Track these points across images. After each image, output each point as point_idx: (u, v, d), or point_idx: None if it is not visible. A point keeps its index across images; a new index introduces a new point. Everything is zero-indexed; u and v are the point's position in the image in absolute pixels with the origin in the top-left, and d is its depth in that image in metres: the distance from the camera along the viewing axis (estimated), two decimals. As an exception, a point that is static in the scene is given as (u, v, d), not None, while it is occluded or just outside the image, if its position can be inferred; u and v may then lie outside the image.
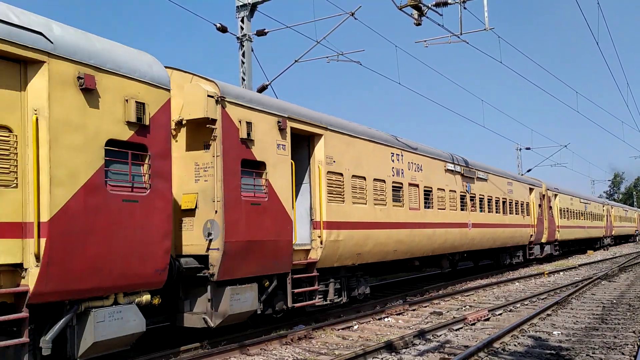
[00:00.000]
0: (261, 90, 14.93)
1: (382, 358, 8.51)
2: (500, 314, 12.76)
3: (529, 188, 26.58)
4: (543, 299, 15.12)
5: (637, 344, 9.17)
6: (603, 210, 48.62)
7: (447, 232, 16.86)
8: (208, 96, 8.70)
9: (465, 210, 18.39)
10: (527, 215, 25.62)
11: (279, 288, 10.34)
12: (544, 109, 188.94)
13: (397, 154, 14.39)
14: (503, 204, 22.40)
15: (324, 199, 11.25)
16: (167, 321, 9.64)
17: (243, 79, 15.01)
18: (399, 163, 14.43)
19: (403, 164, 14.61)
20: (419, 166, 15.53)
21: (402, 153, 14.65)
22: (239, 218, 9.07)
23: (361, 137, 12.79)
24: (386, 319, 12.23)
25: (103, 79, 6.85)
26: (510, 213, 23.14)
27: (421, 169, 15.62)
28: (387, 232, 13.47)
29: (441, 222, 16.48)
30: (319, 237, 11.16)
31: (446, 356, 8.54)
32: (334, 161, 11.69)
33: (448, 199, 17.17)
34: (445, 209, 16.86)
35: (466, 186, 18.70)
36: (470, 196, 18.95)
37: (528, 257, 26.44)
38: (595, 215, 44.22)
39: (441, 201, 16.71)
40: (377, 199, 13.21)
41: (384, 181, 13.61)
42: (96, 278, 6.77)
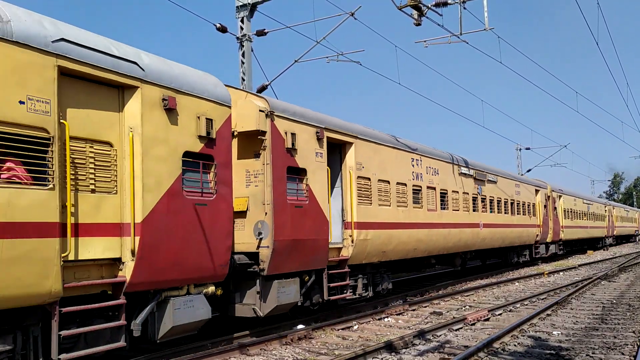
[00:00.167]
0: (261, 90, 15.03)
1: (382, 358, 8.52)
2: (500, 314, 12.77)
3: (535, 190, 27.66)
4: (543, 299, 15.14)
5: (637, 344, 9.17)
6: (605, 210, 49.68)
7: (461, 232, 17.95)
8: (259, 111, 9.81)
9: (477, 211, 19.49)
10: (533, 215, 26.71)
11: (316, 282, 11.43)
12: (544, 109, 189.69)
13: (417, 159, 15.49)
14: (511, 205, 23.50)
15: (355, 202, 12.34)
16: (218, 312, 10.73)
17: (243, 79, 14.89)
18: (418, 167, 15.53)
19: (422, 169, 15.71)
20: (436, 170, 16.63)
21: (421, 158, 15.75)
22: (285, 219, 10.17)
23: (386, 145, 13.90)
24: (386, 319, 12.26)
25: (181, 100, 7.95)
26: (517, 214, 24.24)
27: (437, 173, 16.72)
28: (408, 232, 14.57)
29: (455, 223, 17.58)
30: (350, 237, 12.27)
31: (446, 356, 8.55)
32: (363, 167, 12.78)
33: (462, 201, 18.27)
34: (459, 210, 17.96)
35: (478, 188, 19.79)
36: (481, 198, 20.04)
37: (534, 256, 27.53)
38: (597, 215, 45.29)
39: (455, 203, 17.80)
40: (400, 201, 14.31)
41: (405, 184, 14.71)
42: (175, 271, 7.87)
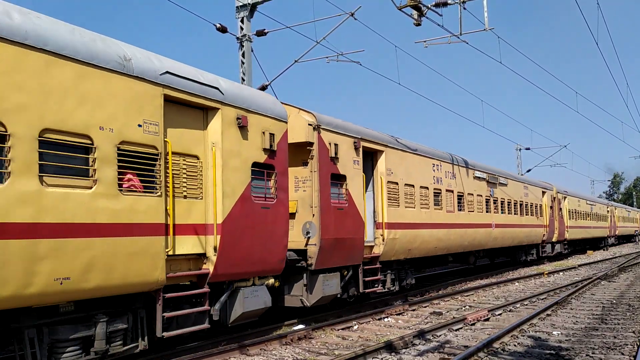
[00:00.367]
0: (261, 90, 15.14)
1: (382, 358, 8.55)
2: (500, 314, 12.80)
3: (542, 191, 28.94)
4: (543, 299, 15.18)
5: (637, 344, 9.19)
6: (607, 211, 50.96)
7: (476, 232, 19.26)
8: (308, 124, 11.12)
9: (489, 212, 20.78)
10: (541, 216, 28.00)
11: (352, 277, 12.73)
12: (544, 109, 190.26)
13: (437, 164, 16.79)
14: (520, 206, 24.79)
15: (385, 204, 13.65)
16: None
17: (243, 79, 14.93)
18: (438, 172, 16.83)
19: (441, 173, 17.01)
20: (453, 174, 17.93)
21: (440, 163, 17.05)
22: (330, 220, 11.47)
23: (411, 152, 15.20)
24: (386, 319, 12.33)
25: (250, 118, 9.25)
26: (526, 214, 25.53)
27: (455, 177, 18.02)
28: (430, 232, 15.87)
29: (471, 223, 18.88)
30: (381, 235, 13.57)
31: (446, 356, 8.58)
32: (392, 172, 14.09)
33: (476, 203, 19.57)
34: (474, 211, 19.26)
35: (490, 191, 21.10)
36: (493, 200, 21.34)
37: (541, 255, 28.82)
38: (600, 216, 46.56)
39: (470, 204, 19.10)
40: (423, 203, 15.62)
41: (427, 188, 16.01)
42: (245, 265, 9.18)
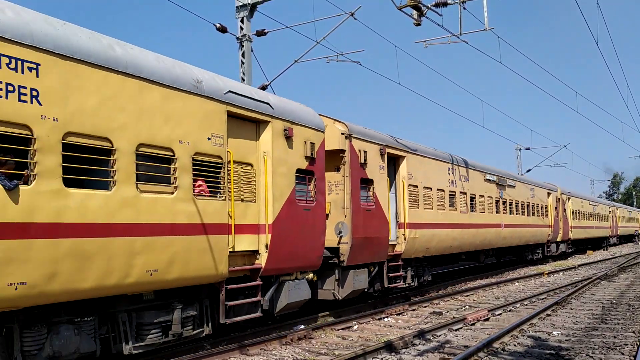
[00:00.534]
0: (261, 90, 15.21)
1: (382, 358, 8.55)
2: (499, 314, 12.85)
3: (547, 193, 30.02)
4: (543, 299, 15.24)
5: (637, 344, 9.21)
6: (609, 211, 52.05)
7: (487, 231, 20.36)
8: (341, 134, 12.23)
9: (499, 213, 21.89)
10: (546, 216, 29.08)
11: (377, 273, 13.83)
12: (544, 109, 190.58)
13: (451, 168, 17.89)
14: (527, 207, 25.89)
15: (407, 205, 14.75)
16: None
17: (243, 79, 14.98)
18: (453, 175, 17.93)
19: (455, 176, 18.11)
20: (466, 177, 19.03)
21: (455, 167, 18.15)
22: (359, 221, 12.57)
23: (429, 157, 16.31)
24: (386, 319, 12.38)
25: (295, 129, 10.36)
26: (532, 215, 26.63)
27: (468, 180, 19.12)
28: (446, 231, 16.98)
29: (482, 223, 19.98)
30: (403, 235, 14.67)
31: (446, 356, 8.57)
32: (412, 176, 15.19)
33: (487, 204, 20.67)
34: (485, 212, 20.36)
35: (500, 193, 22.20)
36: (502, 201, 22.45)
37: (546, 254, 29.91)
38: (602, 216, 47.64)
39: (482, 206, 20.20)
40: (439, 205, 16.72)
41: (443, 190, 17.11)
42: (289, 261, 10.27)
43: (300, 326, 10.90)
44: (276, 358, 8.70)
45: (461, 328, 11.08)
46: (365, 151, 12.88)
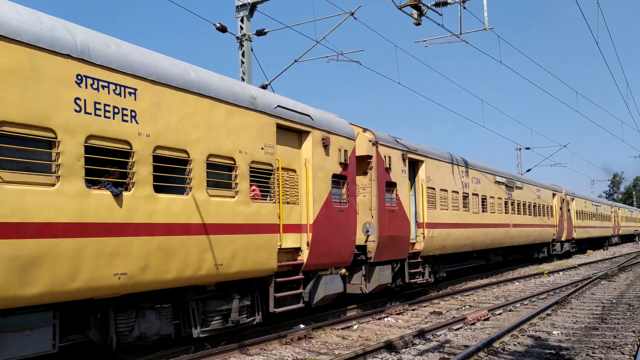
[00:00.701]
0: (261, 89, 15.41)
1: (382, 358, 8.55)
2: (500, 314, 12.86)
3: (552, 194, 31.10)
4: (543, 299, 15.29)
5: (637, 344, 9.21)
6: (611, 211, 53.12)
7: (496, 231, 21.46)
8: (369, 141, 13.33)
9: (507, 213, 22.99)
10: (551, 216, 30.17)
11: (399, 269, 14.93)
12: (544, 109, 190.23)
13: (465, 171, 18.99)
14: (534, 208, 26.98)
15: (425, 206, 15.85)
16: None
17: (243, 79, 14.98)
18: (466, 178, 19.03)
19: (468, 179, 19.21)
20: (478, 180, 20.13)
21: (468, 170, 19.25)
22: (385, 220, 13.67)
23: (445, 161, 17.40)
24: (386, 319, 12.44)
25: (331, 138, 11.46)
26: (538, 215, 27.72)
27: (479, 182, 20.22)
28: (460, 231, 18.08)
29: (492, 223, 21.07)
30: (422, 234, 15.78)
31: (446, 356, 8.55)
32: (430, 179, 16.29)
33: (497, 205, 21.77)
34: (495, 213, 21.46)
35: (508, 194, 23.30)
36: (511, 202, 23.55)
37: (551, 253, 31.00)
38: (604, 216, 48.71)
39: (492, 206, 21.30)
40: (454, 206, 17.82)
41: (458, 192, 18.21)
42: (326, 257, 11.37)
43: (300, 326, 10.93)
44: (276, 358, 8.66)
45: (461, 328, 11.10)
46: (389, 157, 13.99)
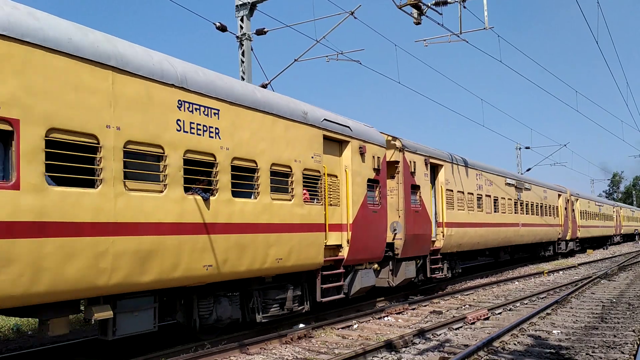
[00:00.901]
0: (262, 88, 16.10)
1: (382, 357, 8.55)
2: (499, 313, 12.89)
3: (558, 194, 32.40)
4: (543, 298, 15.29)
5: (637, 343, 9.20)
6: (613, 211, 54.43)
7: (507, 230, 22.77)
8: (396, 148, 14.64)
9: (517, 213, 24.30)
10: (557, 216, 31.48)
11: (421, 265, 16.24)
12: (544, 108, 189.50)
13: (479, 174, 20.29)
14: (541, 208, 28.29)
15: (445, 207, 17.16)
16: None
17: (242, 78, 15.02)
18: (480, 180, 20.34)
19: (482, 181, 20.52)
20: (490, 182, 21.44)
21: (481, 173, 20.56)
22: (410, 220, 14.99)
23: (461, 164, 18.71)
24: (386, 318, 12.48)
25: (366, 147, 12.76)
26: (545, 215, 29.03)
27: (491, 184, 21.53)
28: (475, 230, 19.39)
29: (503, 223, 22.39)
30: (442, 232, 17.09)
31: (446, 355, 8.55)
32: (449, 182, 17.60)
33: (507, 205, 23.08)
34: (505, 213, 22.77)
35: (517, 195, 24.61)
36: (520, 202, 24.86)
37: (557, 251, 32.30)
38: (607, 216, 50.02)
39: (503, 207, 22.61)
40: (469, 206, 19.13)
41: (472, 194, 19.52)
42: (362, 253, 12.68)
43: (300, 325, 11.01)
44: (276, 357, 8.72)
45: (461, 327, 11.14)
46: (414, 162, 15.30)
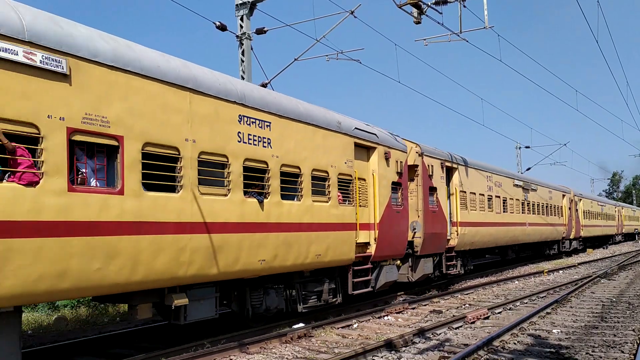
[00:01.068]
0: (262, 87, 16.30)
1: (382, 356, 8.52)
2: (499, 313, 12.90)
3: (562, 195, 33.49)
4: (543, 298, 15.33)
5: (637, 342, 9.16)
6: (615, 211, 55.52)
7: (515, 229, 23.88)
8: (416, 152, 15.75)
9: (524, 213, 25.41)
10: (561, 216, 32.57)
11: (438, 262, 17.35)
12: (544, 108, 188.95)
13: (489, 176, 21.40)
14: (546, 208, 29.39)
15: (459, 208, 18.27)
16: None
17: (242, 77, 15.09)
18: (490, 182, 21.45)
19: (492, 183, 21.63)
20: (500, 183, 22.55)
21: (491, 175, 21.67)
22: (428, 220, 16.09)
23: (473, 167, 19.82)
24: (386, 318, 12.49)
25: (391, 152, 13.86)
26: (550, 215, 30.12)
27: (501, 186, 22.63)
28: (486, 229, 20.50)
29: (511, 222, 23.50)
30: (456, 231, 18.19)
31: (446, 354, 8.51)
32: (462, 184, 18.71)
33: (515, 206, 24.19)
34: (513, 213, 23.88)
35: (525, 195, 25.71)
36: (527, 203, 25.96)
37: (561, 250, 33.40)
38: (609, 215, 51.10)
39: (511, 207, 23.72)
40: (481, 207, 20.24)
41: (483, 195, 20.64)
42: (387, 250, 13.78)
43: (299, 324, 11.06)
44: (276, 356, 8.73)
45: (461, 326, 11.18)
46: (432, 165, 16.41)
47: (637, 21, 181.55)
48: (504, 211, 22.83)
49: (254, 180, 9.39)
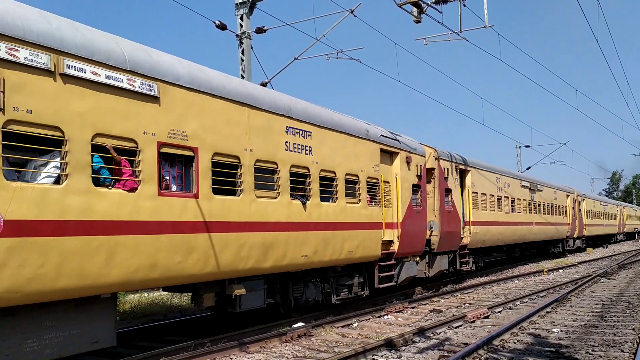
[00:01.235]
0: (262, 86, 16.36)
1: (382, 355, 8.55)
2: (499, 312, 12.94)
3: (566, 195, 34.57)
4: (543, 297, 15.40)
5: (637, 342, 9.17)
6: (617, 210, 56.60)
7: (522, 228, 24.97)
8: (433, 156, 16.85)
9: (531, 213, 26.49)
10: (565, 215, 33.65)
11: (452, 259, 18.44)
12: (544, 107, 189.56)
13: (499, 178, 22.49)
14: (551, 208, 30.47)
15: (471, 208, 19.36)
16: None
17: (242, 76, 15.25)
18: (499, 183, 22.54)
19: (501, 184, 22.72)
20: (508, 185, 23.63)
21: (501, 177, 22.76)
22: (444, 219, 17.18)
23: (484, 169, 20.92)
24: (386, 317, 12.56)
25: (411, 157, 14.96)
26: (555, 214, 31.21)
27: (509, 187, 23.72)
28: (496, 228, 21.59)
29: (519, 221, 24.58)
30: (468, 230, 19.29)
31: (446, 354, 8.52)
32: (474, 185, 19.80)
33: (522, 206, 25.27)
34: (521, 212, 24.96)
35: (531, 196, 26.80)
36: (533, 203, 27.05)
37: (565, 248, 34.48)
38: (611, 215, 52.17)
39: (519, 207, 24.81)
40: (491, 207, 21.33)
41: (493, 195, 21.73)
42: (407, 247, 14.87)
43: (299, 324, 11.19)
44: (276, 356, 8.75)
45: (461, 326, 11.22)
46: (447, 168, 17.50)
47: (637, 20, 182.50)
48: (512, 211, 23.92)
49: (298, 184, 10.49)
